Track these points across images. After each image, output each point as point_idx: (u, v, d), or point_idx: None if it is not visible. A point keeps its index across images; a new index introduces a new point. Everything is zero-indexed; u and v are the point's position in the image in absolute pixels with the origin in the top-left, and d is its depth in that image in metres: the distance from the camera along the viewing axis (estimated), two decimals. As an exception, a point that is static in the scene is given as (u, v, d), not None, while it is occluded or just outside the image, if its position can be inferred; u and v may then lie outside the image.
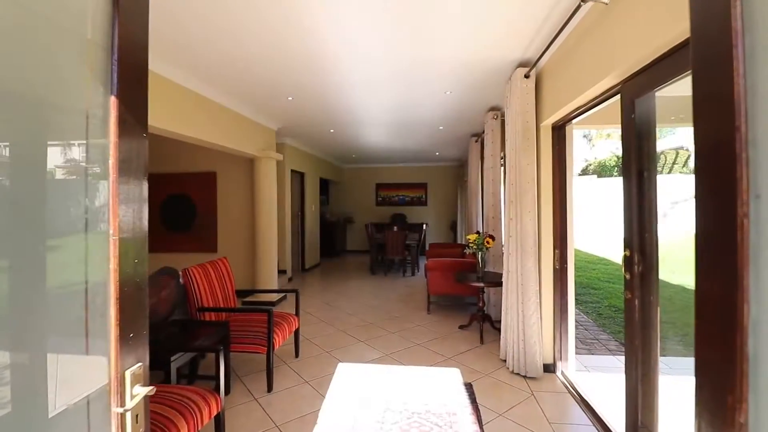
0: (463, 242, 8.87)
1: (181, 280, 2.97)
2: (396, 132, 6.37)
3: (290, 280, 7.07)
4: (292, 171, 7.36)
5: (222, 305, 3.32)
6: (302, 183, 7.95)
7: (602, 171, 22.29)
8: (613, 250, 11.40)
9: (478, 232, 4.02)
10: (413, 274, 7.57)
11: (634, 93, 2.00)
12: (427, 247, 10.50)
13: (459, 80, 3.77)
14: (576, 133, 3.53)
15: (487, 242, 3.91)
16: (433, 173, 10.87)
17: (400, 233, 7.38)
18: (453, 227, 10.42)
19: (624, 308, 2.11)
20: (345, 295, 5.93)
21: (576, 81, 2.53)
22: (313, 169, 8.48)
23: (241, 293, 3.64)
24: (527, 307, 3.09)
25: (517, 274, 3.18)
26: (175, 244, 5.97)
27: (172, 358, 2.19)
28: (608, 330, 4.76)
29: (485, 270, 4.13)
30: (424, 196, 10.92)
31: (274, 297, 5.43)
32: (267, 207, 5.35)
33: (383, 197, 11.12)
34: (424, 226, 8.59)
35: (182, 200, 5.95)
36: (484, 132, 5.32)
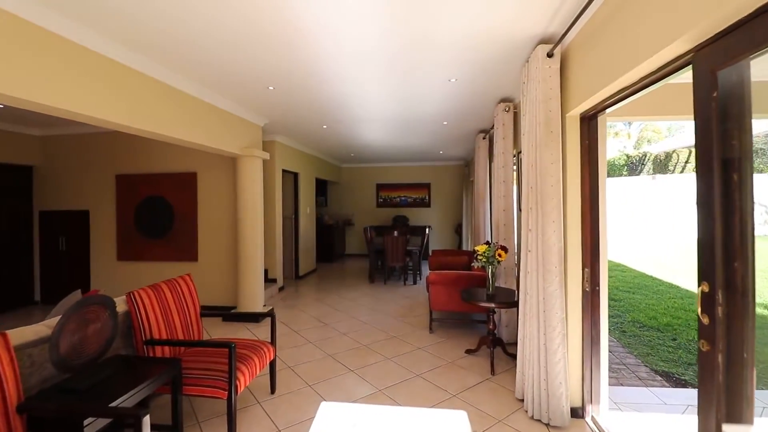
0: (469, 249, 8.29)
1: (122, 307, 2.42)
2: (396, 128, 5.79)
3: (281, 289, 6.52)
4: (283, 171, 6.81)
5: (182, 334, 2.76)
6: (296, 184, 7.40)
7: (610, 171, 21.61)
8: (630, 256, 10.73)
9: (488, 243, 3.44)
10: (415, 282, 7.00)
11: (717, 62, 1.41)
12: (430, 252, 9.94)
13: (466, 64, 3.19)
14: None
15: (499, 255, 3.33)
16: (437, 173, 10.28)
17: (401, 238, 6.81)
18: (458, 230, 9.82)
19: (698, 362, 1.52)
20: (339, 309, 5.37)
21: (617, 57, 1.94)
22: (308, 168, 7.92)
23: (208, 313, 3.09)
24: (551, 340, 2.50)
25: (537, 298, 2.60)
26: (151, 252, 5.44)
27: (86, 423, 1.64)
28: (635, 352, 4.16)
29: (496, 286, 3.55)
30: (427, 197, 10.33)
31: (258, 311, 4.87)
32: (251, 211, 4.80)
33: (384, 198, 10.55)
34: (427, 229, 8.01)
35: (158, 203, 5.40)
36: (493, 127, 4.73)
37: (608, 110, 2.42)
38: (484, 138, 5.57)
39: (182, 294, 2.91)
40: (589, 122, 2.58)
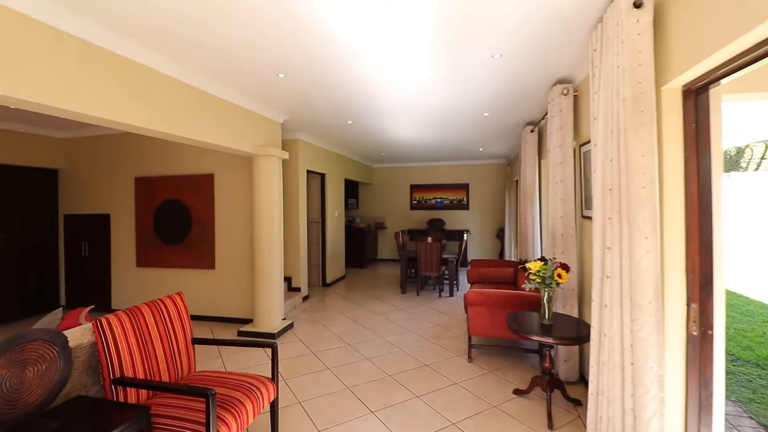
0: (514, 258, 7.45)
1: (79, 341, 1.97)
2: (430, 122, 5.13)
3: (305, 299, 6.06)
4: (308, 172, 6.35)
5: (167, 367, 2.29)
6: (322, 185, 6.93)
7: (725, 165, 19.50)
8: None
9: (543, 259, 2.73)
10: (451, 293, 6.29)
11: None
12: (468, 259, 9.16)
13: (513, 35, 2.50)
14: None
15: (558, 276, 2.60)
16: (476, 173, 9.47)
17: (436, 245, 6.13)
18: (499, 235, 8.98)
19: None
20: (366, 325, 4.80)
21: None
22: (336, 169, 7.43)
23: (200, 341, 2.60)
24: (642, 406, 1.77)
25: (621, 344, 1.87)
26: (169, 258, 5.14)
27: None
28: (732, 396, 3.26)
29: (553, 312, 2.83)
30: (465, 199, 9.55)
31: (275, 327, 4.41)
32: (267, 216, 4.34)
33: (419, 200, 9.88)
34: (465, 234, 7.27)
35: (176, 207, 5.09)
36: (545, 117, 3.97)
37: (726, 80, 1.66)
38: (532, 131, 4.79)
39: (170, 318, 2.45)
40: (697, 98, 1.82)
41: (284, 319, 4.80)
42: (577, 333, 2.58)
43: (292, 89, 3.64)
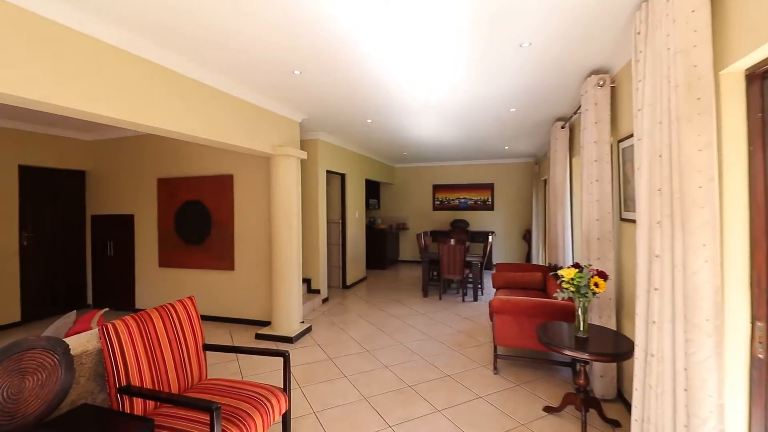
0: (543, 263, 7.12)
1: (85, 347, 1.90)
2: (453, 120, 4.92)
3: (325, 301, 5.96)
4: (328, 172, 6.25)
5: (175, 374, 2.21)
6: (343, 186, 6.82)
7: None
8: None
9: (577, 266, 2.49)
10: (475, 298, 6.04)
11: None
12: (493, 262, 8.86)
13: (546, 20, 2.28)
14: None
15: (596, 285, 2.36)
16: (502, 172, 9.14)
17: (459, 247, 5.90)
18: (526, 237, 8.62)
19: None
20: (386, 330, 4.64)
21: None
22: (357, 169, 7.31)
23: (211, 348, 2.51)
24: (700, 439, 1.53)
25: (673, 367, 1.64)
26: (189, 259, 5.15)
27: None
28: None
29: (588, 324, 2.57)
30: (489, 199, 9.24)
31: (293, 331, 4.31)
32: (285, 217, 4.25)
33: (441, 200, 9.64)
34: (490, 236, 7.00)
35: (196, 208, 5.09)
36: (577, 111, 3.70)
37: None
38: (563, 127, 4.50)
39: (180, 323, 2.37)
40: (763, 83, 1.57)
41: (302, 322, 4.71)
42: (616, 348, 2.33)
43: (309, 86, 3.53)
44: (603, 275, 2.40)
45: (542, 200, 7.36)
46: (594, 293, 2.39)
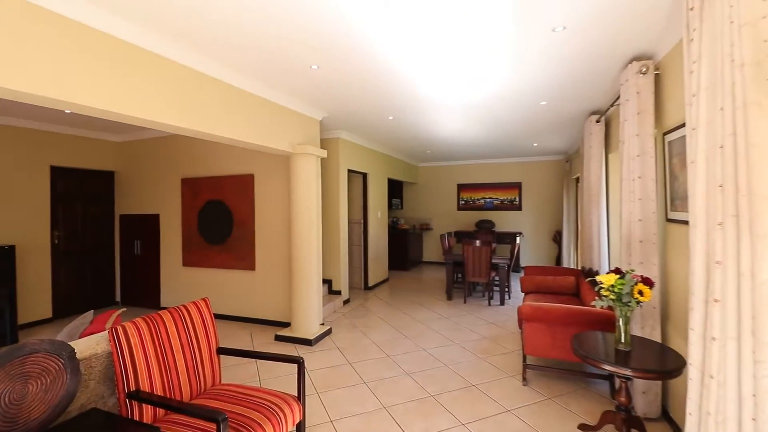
0: (573, 265, 6.76)
1: (94, 350, 1.84)
2: (478, 116, 4.71)
3: (346, 302, 5.86)
4: (350, 171, 6.15)
5: (188, 379, 2.14)
6: (365, 185, 6.70)
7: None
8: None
9: (617, 271, 2.25)
10: (502, 302, 5.77)
11: None
12: (520, 264, 8.52)
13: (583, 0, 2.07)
14: None
15: (640, 293, 2.12)
16: (530, 170, 8.78)
17: (485, 248, 5.67)
18: (556, 238, 8.25)
19: None
20: (408, 334, 4.48)
21: None
22: (379, 168, 7.18)
23: (225, 351, 2.43)
24: (774, 480, 1.30)
25: (738, 390, 1.40)
26: (211, 258, 5.16)
27: None
28: None
29: (631, 335, 2.32)
30: (517, 199, 8.90)
31: (313, 333, 4.22)
32: (305, 216, 4.17)
33: (466, 200, 9.37)
34: (518, 237, 6.70)
35: (218, 208, 5.10)
36: (615, 102, 3.43)
37: None
38: (598, 121, 4.20)
39: (193, 326, 2.30)
40: None
41: (322, 324, 4.62)
42: (663, 364, 2.08)
43: (328, 83, 3.42)
44: (648, 282, 2.15)
45: (574, 199, 7.00)
46: (638, 302, 2.15)
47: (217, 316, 5.13)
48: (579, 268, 5.22)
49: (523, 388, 3.11)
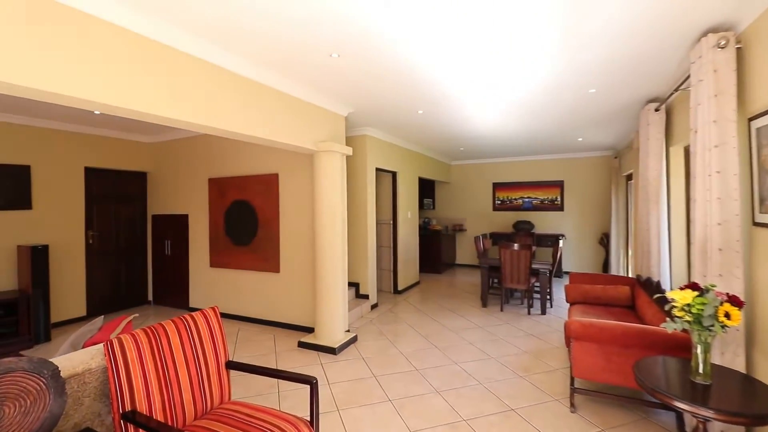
0: (623, 272, 6.15)
1: (88, 365, 1.68)
2: (517, 109, 4.30)
3: (374, 307, 5.60)
4: (378, 170, 5.89)
5: (191, 397, 1.95)
6: (394, 185, 6.42)
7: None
8: None
9: (695, 287, 1.83)
10: (543, 311, 5.30)
11: None
12: (563, 270, 7.93)
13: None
14: None
15: (726, 315, 1.70)
16: (573, 167, 8.16)
17: (524, 252, 5.23)
18: (603, 242, 7.59)
19: None
20: (438, 345, 4.15)
21: None
22: (409, 167, 6.87)
23: (235, 366, 2.23)
24: None
25: None
26: (237, 259, 5.07)
27: None
28: None
29: (712, 364, 1.89)
30: (558, 199, 8.30)
31: (337, 341, 3.99)
32: (329, 217, 3.95)
33: (502, 200, 8.86)
34: (560, 239, 6.18)
35: (244, 208, 5.00)
36: (680, 87, 2.95)
37: None
38: (657, 110, 3.69)
39: (199, 338, 2.11)
40: None
41: (348, 330, 4.38)
42: (754, 406, 1.65)
43: (350, 74, 3.16)
44: (736, 302, 1.73)
45: (624, 199, 6.37)
46: (723, 326, 1.73)
47: (241, 319, 5.03)
48: (633, 276, 4.68)
49: (571, 416, 2.71)
